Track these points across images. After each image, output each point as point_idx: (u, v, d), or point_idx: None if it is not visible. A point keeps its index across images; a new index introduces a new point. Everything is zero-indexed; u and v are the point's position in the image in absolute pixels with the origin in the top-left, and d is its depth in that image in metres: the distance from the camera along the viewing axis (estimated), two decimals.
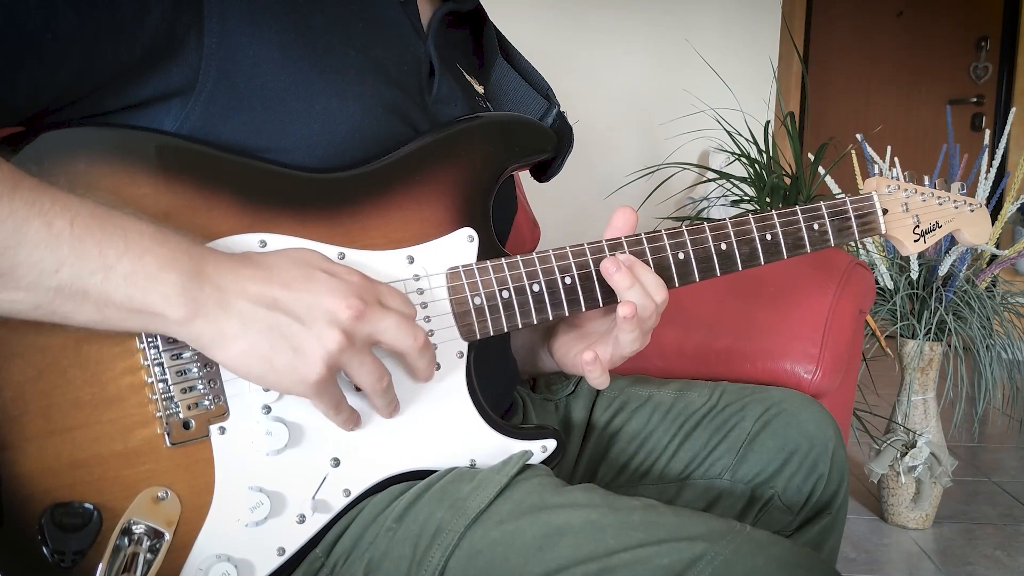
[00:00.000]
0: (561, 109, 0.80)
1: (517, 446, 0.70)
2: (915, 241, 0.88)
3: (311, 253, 0.60)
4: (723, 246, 0.76)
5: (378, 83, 0.68)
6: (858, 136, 1.87)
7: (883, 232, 0.85)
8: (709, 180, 2.48)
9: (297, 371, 0.56)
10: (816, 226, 0.81)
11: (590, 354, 0.72)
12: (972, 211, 0.92)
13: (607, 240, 0.73)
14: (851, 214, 0.83)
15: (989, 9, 3.81)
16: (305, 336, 0.56)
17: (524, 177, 0.90)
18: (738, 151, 2.23)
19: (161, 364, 0.58)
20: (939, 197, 0.90)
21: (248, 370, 0.56)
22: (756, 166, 2.20)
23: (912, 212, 0.88)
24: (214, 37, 0.60)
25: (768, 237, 0.78)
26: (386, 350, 0.61)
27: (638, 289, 0.70)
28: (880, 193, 0.85)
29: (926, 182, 0.90)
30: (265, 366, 0.55)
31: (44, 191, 0.51)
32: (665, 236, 0.75)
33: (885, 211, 0.85)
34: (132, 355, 0.58)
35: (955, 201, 0.91)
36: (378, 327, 0.58)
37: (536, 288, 0.70)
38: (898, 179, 0.87)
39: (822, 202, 0.82)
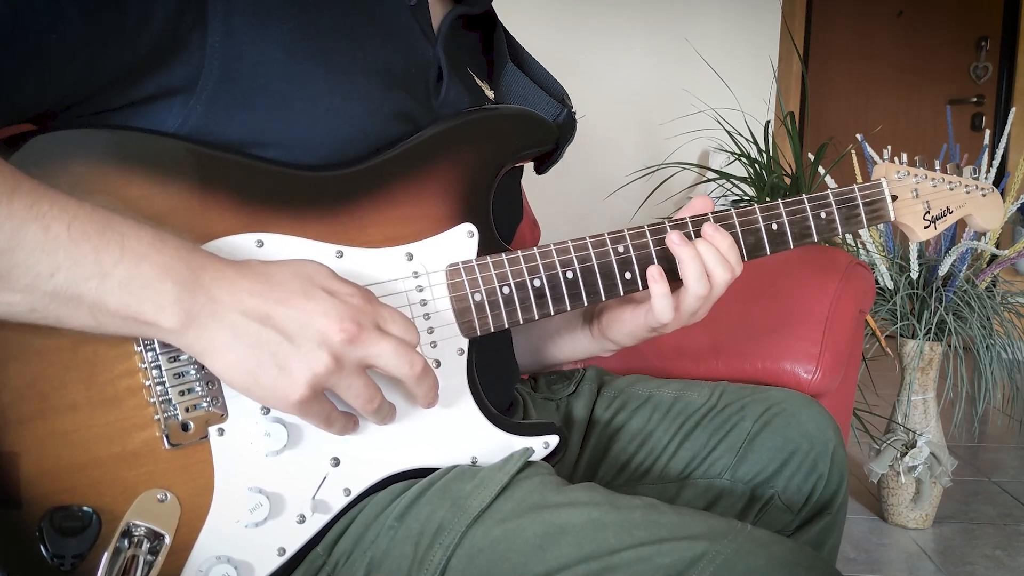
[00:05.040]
0: (572, 111, 0.79)
1: (519, 443, 0.70)
2: (925, 228, 0.86)
3: (316, 267, 0.59)
4: None
5: (384, 86, 0.68)
6: (858, 136, 1.86)
7: (892, 219, 0.84)
8: (709, 180, 2.48)
9: (280, 389, 0.55)
10: (823, 215, 0.80)
11: (656, 268, 0.72)
12: (984, 195, 0.90)
13: (609, 233, 0.72)
14: (859, 201, 0.81)
15: (989, 9, 3.81)
16: (293, 355, 0.55)
17: (523, 177, 0.90)
18: (738, 151, 2.23)
19: (159, 366, 0.58)
20: (950, 182, 0.87)
21: (233, 382, 0.56)
22: (756, 166, 2.20)
23: (922, 198, 0.85)
24: (217, 36, 0.59)
25: (774, 227, 0.77)
26: (382, 375, 0.60)
27: (696, 264, 0.72)
28: (890, 179, 0.84)
29: (937, 166, 0.88)
30: (249, 380, 0.55)
31: (43, 194, 0.51)
32: (669, 228, 0.74)
33: (895, 198, 0.83)
34: (130, 357, 0.58)
35: (967, 186, 0.89)
36: (371, 352, 0.57)
37: (537, 283, 0.70)
38: (907, 164, 0.85)
39: (830, 190, 0.81)
